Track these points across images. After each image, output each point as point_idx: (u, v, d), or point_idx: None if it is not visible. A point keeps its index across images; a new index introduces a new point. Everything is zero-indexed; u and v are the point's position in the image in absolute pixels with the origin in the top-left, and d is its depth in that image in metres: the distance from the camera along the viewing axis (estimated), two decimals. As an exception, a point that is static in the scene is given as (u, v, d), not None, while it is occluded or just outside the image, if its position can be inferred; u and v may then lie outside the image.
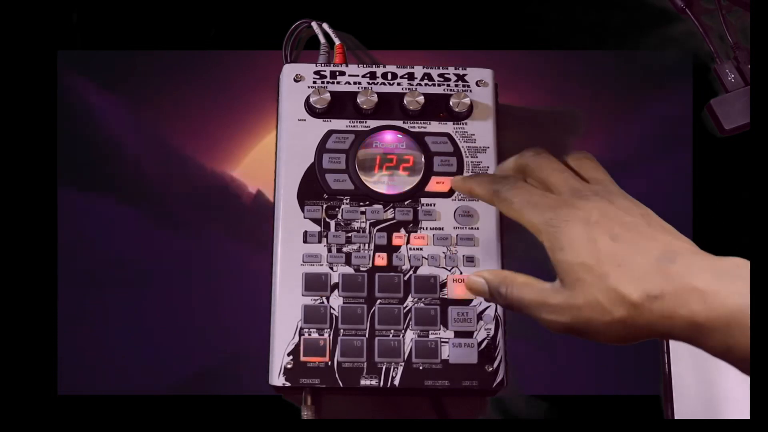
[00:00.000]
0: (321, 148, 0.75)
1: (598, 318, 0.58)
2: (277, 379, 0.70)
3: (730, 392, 0.74)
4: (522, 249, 0.80)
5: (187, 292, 0.80)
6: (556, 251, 0.60)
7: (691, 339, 0.56)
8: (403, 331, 0.71)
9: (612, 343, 0.60)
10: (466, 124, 0.76)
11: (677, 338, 0.57)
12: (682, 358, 0.75)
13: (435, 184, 0.75)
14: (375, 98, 0.75)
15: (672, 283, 0.56)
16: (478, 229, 0.74)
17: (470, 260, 0.73)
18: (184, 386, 0.77)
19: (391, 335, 0.71)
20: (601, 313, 0.58)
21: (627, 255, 0.58)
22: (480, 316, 0.72)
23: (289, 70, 0.77)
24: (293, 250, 0.73)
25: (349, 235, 0.73)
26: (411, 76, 0.77)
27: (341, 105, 0.76)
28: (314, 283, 0.72)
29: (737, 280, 0.54)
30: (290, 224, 0.73)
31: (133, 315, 0.79)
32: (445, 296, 0.73)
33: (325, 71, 0.77)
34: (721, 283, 0.55)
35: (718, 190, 0.84)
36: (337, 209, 0.74)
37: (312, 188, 0.74)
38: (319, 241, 0.73)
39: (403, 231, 0.74)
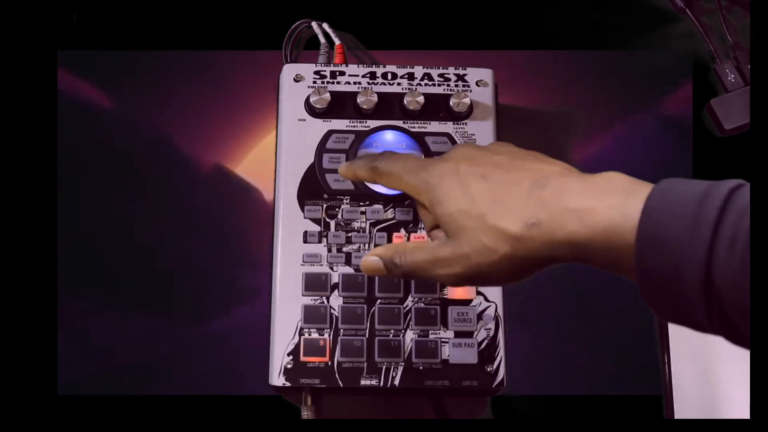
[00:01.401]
0: (321, 148, 0.75)
1: (486, 260, 0.58)
2: (277, 379, 0.70)
3: (730, 392, 0.74)
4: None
5: (187, 291, 0.80)
6: (436, 206, 0.61)
7: (576, 259, 0.56)
8: (403, 331, 0.71)
9: (506, 283, 0.62)
10: (466, 124, 0.76)
11: (564, 261, 0.57)
12: (683, 358, 0.75)
13: None
14: (375, 98, 0.75)
15: (547, 208, 0.56)
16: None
17: None
18: (184, 386, 0.77)
19: (391, 335, 0.71)
20: (488, 254, 0.58)
21: (499, 191, 0.58)
22: (480, 316, 0.72)
23: (289, 70, 0.77)
24: (293, 250, 0.73)
25: (349, 235, 0.73)
26: (411, 76, 0.77)
27: (341, 105, 0.76)
28: (314, 283, 0.72)
29: (610, 195, 0.54)
30: (290, 224, 0.73)
31: (133, 315, 0.79)
32: (445, 296, 0.73)
33: (325, 71, 0.77)
34: (595, 200, 0.54)
35: (718, 190, 0.84)
36: (337, 209, 0.74)
37: (312, 188, 0.74)
38: (319, 241, 0.73)
39: (403, 231, 0.74)
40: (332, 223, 0.73)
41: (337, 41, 0.81)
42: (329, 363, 0.71)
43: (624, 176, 0.56)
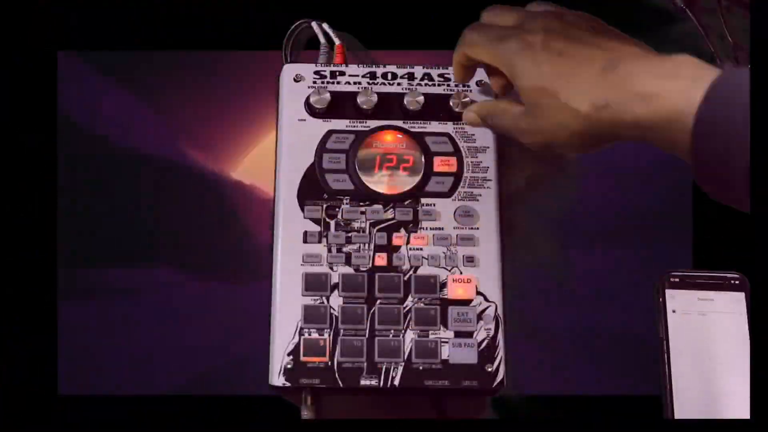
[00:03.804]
0: (321, 148, 0.75)
1: (559, 133, 0.64)
2: (277, 379, 0.70)
3: (730, 392, 0.74)
4: (522, 249, 0.80)
5: (188, 293, 0.80)
6: (515, 79, 0.66)
7: (640, 139, 0.60)
8: (403, 331, 0.71)
9: (577, 152, 0.67)
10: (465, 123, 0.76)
11: (629, 140, 0.60)
12: (682, 358, 0.75)
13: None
14: (375, 98, 0.75)
15: (616, 91, 0.59)
16: (478, 229, 0.74)
17: (470, 260, 0.73)
18: (184, 386, 0.77)
19: (391, 335, 0.71)
20: (561, 129, 0.63)
21: (573, 68, 0.62)
22: (480, 316, 0.72)
23: (289, 70, 0.77)
24: (293, 250, 0.73)
25: (349, 235, 0.73)
26: (411, 76, 0.77)
27: (341, 105, 0.76)
28: (314, 283, 0.72)
29: (677, 80, 0.57)
30: (290, 224, 0.73)
31: (133, 316, 0.79)
32: (445, 296, 0.72)
33: (325, 71, 0.77)
34: (662, 85, 0.57)
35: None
36: (337, 209, 0.74)
37: (312, 188, 0.74)
38: (319, 241, 0.73)
39: (403, 231, 0.74)
40: (332, 223, 0.73)
41: (337, 41, 0.81)
42: (329, 363, 0.70)
43: (693, 60, 0.58)
